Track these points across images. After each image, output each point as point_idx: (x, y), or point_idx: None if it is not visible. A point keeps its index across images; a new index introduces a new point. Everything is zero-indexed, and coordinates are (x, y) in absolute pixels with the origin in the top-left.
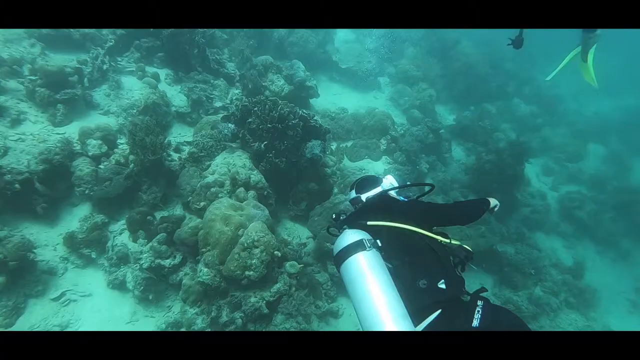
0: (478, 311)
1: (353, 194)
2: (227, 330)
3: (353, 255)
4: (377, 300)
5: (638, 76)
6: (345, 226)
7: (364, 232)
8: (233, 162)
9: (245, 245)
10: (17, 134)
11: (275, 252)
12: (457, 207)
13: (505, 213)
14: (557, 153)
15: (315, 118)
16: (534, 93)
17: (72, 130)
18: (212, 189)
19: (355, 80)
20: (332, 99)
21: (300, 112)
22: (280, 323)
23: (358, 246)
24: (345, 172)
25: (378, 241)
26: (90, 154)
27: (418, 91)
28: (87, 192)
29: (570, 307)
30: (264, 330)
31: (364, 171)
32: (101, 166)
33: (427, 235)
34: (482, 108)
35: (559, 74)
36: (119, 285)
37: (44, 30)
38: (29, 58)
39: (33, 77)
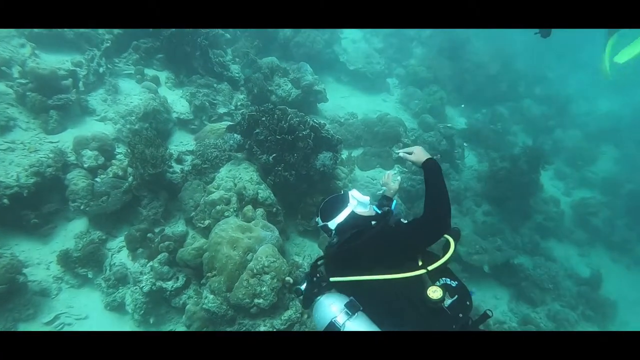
0: None
1: (320, 222)
2: None
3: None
4: None
5: None
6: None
7: (333, 298)
8: (239, 175)
9: (255, 271)
10: (6, 143)
11: (287, 278)
12: (420, 223)
13: (519, 222)
14: (569, 156)
15: (326, 128)
16: (545, 93)
17: (66, 138)
18: (218, 207)
19: (364, 82)
20: (340, 102)
21: (311, 121)
22: None
23: (337, 321)
24: (356, 183)
25: (347, 311)
26: (85, 165)
27: (429, 94)
28: (82, 207)
29: (587, 320)
30: None
31: (375, 181)
32: (97, 179)
33: (395, 279)
34: (494, 110)
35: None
36: (117, 307)
37: (35, 29)
38: (19, 59)
39: (23, 81)
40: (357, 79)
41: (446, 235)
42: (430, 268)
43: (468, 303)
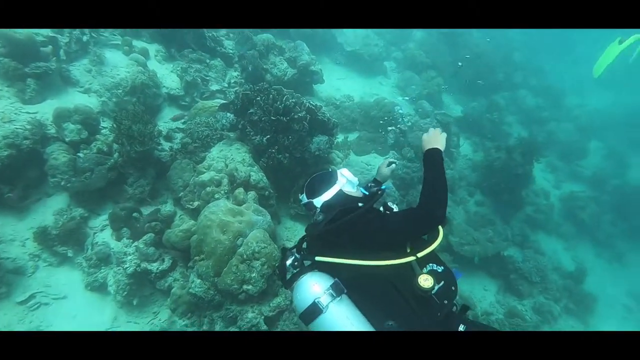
0: None
1: (304, 198)
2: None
3: (315, 321)
4: None
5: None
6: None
7: (317, 277)
8: (231, 155)
9: (245, 257)
10: None
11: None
12: (415, 215)
13: (510, 213)
14: (561, 149)
15: (323, 110)
16: (541, 85)
17: (45, 110)
18: (208, 189)
19: (361, 64)
20: (336, 84)
21: (307, 103)
22: None
23: (314, 311)
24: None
25: (331, 292)
26: (67, 139)
27: (426, 79)
28: (63, 183)
29: (569, 313)
30: None
31: (370, 167)
32: (80, 154)
33: (383, 266)
34: (491, 100)
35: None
36: (98, 288)
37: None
38: None
39: None
40: (353, 61)
41: None
42: (419, 255)
43: (453, 288)
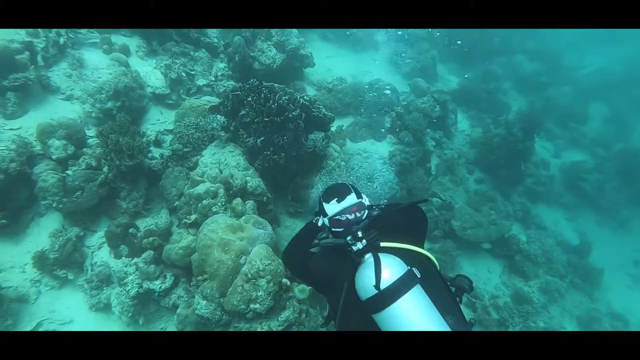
0: None
1: (353, 198)
2: None
3: (411, 291)
4: None
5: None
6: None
7: (393, 256)
8: (225, 160)
9: (249, 276)
10: None
11: (284, 280)
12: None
13: (510, 187)
14: (560, 115)
15: (317, 105)
16: (538, 47)
17: (29, 123)
18: (204, 202)
19: (351, 39)
20: (327, 64)
21: (301, 100)
22: None
23: (410, 281)
24: (349, 160)
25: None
26: (54, 157)
27: (419, 52)
28: (54, 205)
29: (576, 287)
30: None
31: (366, 154)
32: (69, 172)
33: (432, 260)
34: (486, 69)
35: None
36: (103, 308)
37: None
38: None
39: None
40: (344, 36)
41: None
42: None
43: None
